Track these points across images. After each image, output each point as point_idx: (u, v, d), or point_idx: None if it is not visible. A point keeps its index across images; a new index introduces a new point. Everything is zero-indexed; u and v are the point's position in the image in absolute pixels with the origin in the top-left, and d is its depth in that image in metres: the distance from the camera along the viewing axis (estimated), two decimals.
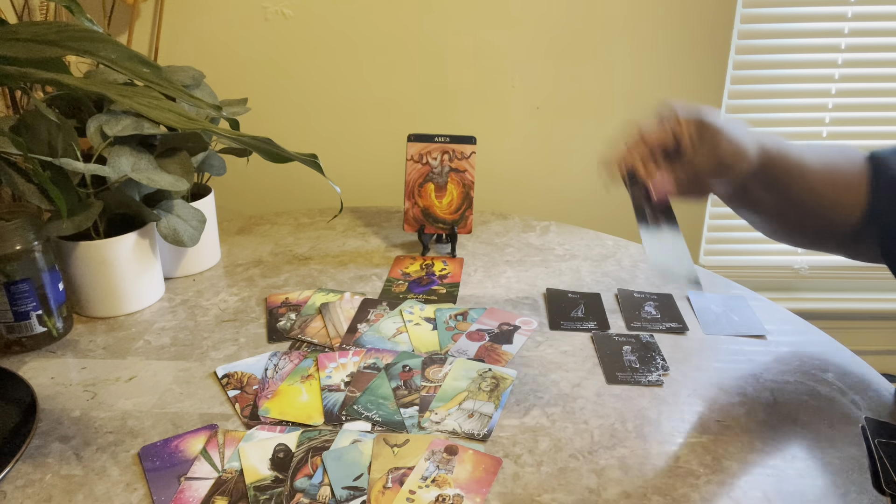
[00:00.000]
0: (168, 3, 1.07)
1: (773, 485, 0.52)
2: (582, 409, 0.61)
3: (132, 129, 0.73)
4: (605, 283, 0.84)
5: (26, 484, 0.53)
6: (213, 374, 0.66)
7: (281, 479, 0.53)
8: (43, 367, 0.67)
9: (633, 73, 1.14)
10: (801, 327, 0.75)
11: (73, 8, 0.53)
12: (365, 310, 0.77)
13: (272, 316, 0.76)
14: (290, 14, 1.10)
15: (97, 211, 0.69)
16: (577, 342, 0.71)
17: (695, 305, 0.78)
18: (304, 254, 0.92)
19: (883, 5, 1.15)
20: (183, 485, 0.52)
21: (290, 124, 1.17)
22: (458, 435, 0.57)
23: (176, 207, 0.78)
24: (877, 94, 1.22)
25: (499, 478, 0.53)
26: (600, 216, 1.22)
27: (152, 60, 0.47)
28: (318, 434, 0.57)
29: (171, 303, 0.80)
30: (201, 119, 0.49)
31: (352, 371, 0.66)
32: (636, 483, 0.52)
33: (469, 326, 0.74)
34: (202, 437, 0.57)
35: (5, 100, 0.95)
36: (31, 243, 0.67)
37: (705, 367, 0.67)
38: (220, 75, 1.09)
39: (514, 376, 0.65)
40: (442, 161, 0.91)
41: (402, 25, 1.10)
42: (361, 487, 0.52)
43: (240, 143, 0.53)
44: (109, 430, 0.59)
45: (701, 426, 0.59)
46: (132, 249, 0.75)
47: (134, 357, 0.69)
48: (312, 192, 1.19)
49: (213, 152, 0.87)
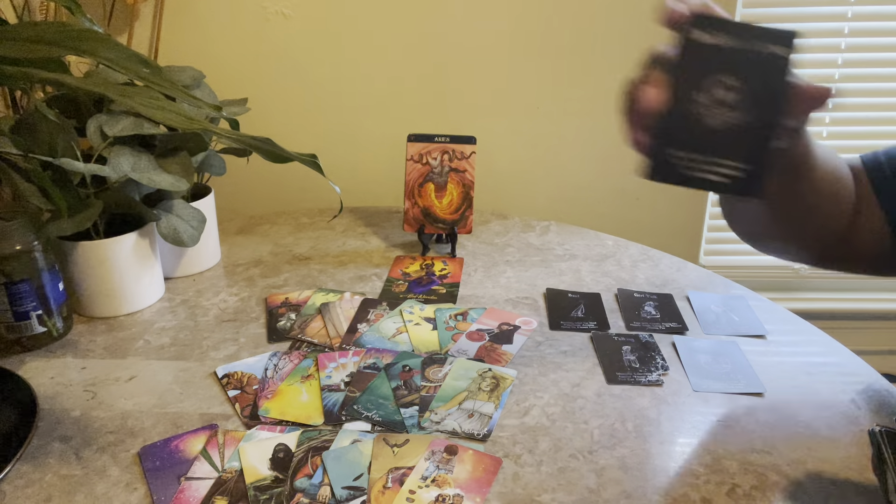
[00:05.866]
0: (168, 3, 1.07)
1: (773, 484, 0.52)
2: (582, 409, 0.61)
3: (132, 129, 0.73)
4: (604, 283, 0.84)
5: (26, 484, 0.53)
6: (213, 374, 0.66)
7: (281, 479, 0.53)
8: (43, 367, 0.67)
9: (633, 74, 1.13)
10: (801, 327, 0.75)
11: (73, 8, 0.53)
12: (365, 310, 0.77)
13: (272, 316, 0.76)
14: (290, 14, 1.10)
15: (97, 211, 0.69)
16: (576, 342, 0.71)
17: (695, 305, 0.78)
18: (304, 254, 0.92)
19: (883, 5, 1.15)
20: (183, 485, 0.52)
21: (290, 124, 1.17)
22: (458, 435, 0.57)
23: (176, 207, 0.78)
24: (877, 94, 1.22)
25: (499, 478, 0.53)
26: (600, 216, 1.22)
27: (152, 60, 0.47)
28: (318, 434, 0.57)
29: (171, 303, 0.80)
30: (201, 119, 0.49)
31: (352, 371, 0.66)
32: (636, 483, 0.52)
33: (469, 326, 0.74)
34: (202, 437, 0.57)
35: (5, 100, 0.95)
36: (31, 243, 0.67)
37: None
38: (220, 75, 1.09)
39: (514, 376, 0.65)
40: (442, 161, 0.91)
41: (402, 25, 1.10)
42: (361, 487, 0.52)
43: (240, 143, 0.53)
44: (109, 430, 0.59)
45: (701, 426, 0.59)
46: (132, 249, 0.75)
47: (134, 357, 0.69)
48: (312, 192, 1.19)
49: (213, 152, 0.86)
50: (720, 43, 0.43)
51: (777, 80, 0.43)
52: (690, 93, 0.43)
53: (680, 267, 0.88)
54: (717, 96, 0.43)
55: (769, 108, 0.43)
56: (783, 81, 0.43)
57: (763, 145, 0.44)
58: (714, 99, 0.43)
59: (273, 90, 1.14)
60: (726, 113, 0.43)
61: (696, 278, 0.85)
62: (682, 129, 0.44)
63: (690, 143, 0.44)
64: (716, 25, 0.43)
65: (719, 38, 0.43)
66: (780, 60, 0.42)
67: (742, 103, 0.43)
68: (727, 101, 0.43)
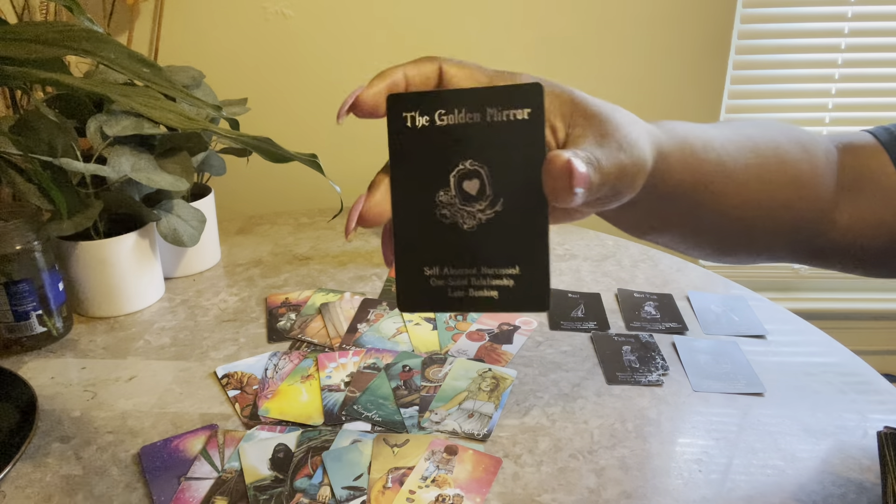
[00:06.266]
0: (168, 3, 1.07)
1: (773, 485, 0.52)
2: (582, 409, 0.61)
3: (132, 129, 0.73)
4: (604, 283, 0.84)
5: (26, 484, 0.53)
6: (213, 374, 0.66)
7: (281, 479, 0.53)
8: (43, 367, 0.67)
9: (633, 74, 1.13)
10: (801, 327, 0.75)
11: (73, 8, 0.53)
12: (365, 310, 0.77)
13: (272, 316, 0.76)
14: (290, 14, 1.10)
15: (97, 211, 0.69)
16: (576, 342, 0.71)
17: (695, 305, 0.78)
18: (304, 254, 0.92)
19: (883, 5, 1.15)
20: (183, 485, 0.52)
21: (290, 124, 1.17)
22: (458, 435, 0.57)
23: (176, 207, 0.78)
24: (877, 94, 1.22)
25: (499, 478, 0.53)
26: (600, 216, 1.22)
27: (152, 60, 0.47)
28: (318, 434, 0.57)
29: (171, 303, 0.80)
30: (201, 119, 0.49)
31: (352, 371, 0.66)
32: (636, 483, 0.52)
33: (469, 326, 0.74)
34: (202, 437, 0.57)
35: (5, 100, 0.95)
36: (31, 243, 0.67)
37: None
38: (220, 75, 1.09)
39: (514, 376, 0.65)
40: None
41: (402, 25, 1.10)
42: (361, 487, 0.52)
43: (240, 143, 0.53)
44: (109, 430, 0.59)
45: (700, 426, 0.59)
46: (132, 249, 0.75)
47: (134, 357, 0.69)
48: (312, 192, 1.19)
49: (213, 152, 0.86)
50: (443, 122, 0.33)
51: (525, 153, 0.32)
52: (428, 192, 0.33)
53: (680, 267, 0.88)
54: (462, 189, 0.33)
55: (525, 192, 0.32)
56: (533, 153, 0.32)
57: (533, 241, 0.32)
58: (459, 193, 0.33)
59: (273, 90, 1.14)
60: (477, 209, 0.32)
61: (696, 278, 0.85)
62: (431, 238, 0.33)
63: (446, 254, 0.33)
64: (429, 102, 0.33)
65: (440, 115, 0.33)
66: (525, 125, 0.32)
67: (492, 192, 0.32)
68: (473, 193, 0.32)
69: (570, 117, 0.34)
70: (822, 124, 1.23)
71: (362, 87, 0.34)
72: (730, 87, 1.19)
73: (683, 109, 1.16)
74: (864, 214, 0.48)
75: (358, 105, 0.34)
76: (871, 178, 0.48)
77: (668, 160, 0.39)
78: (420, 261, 0.33)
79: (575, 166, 0.29)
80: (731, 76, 1.18)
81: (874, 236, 0.48)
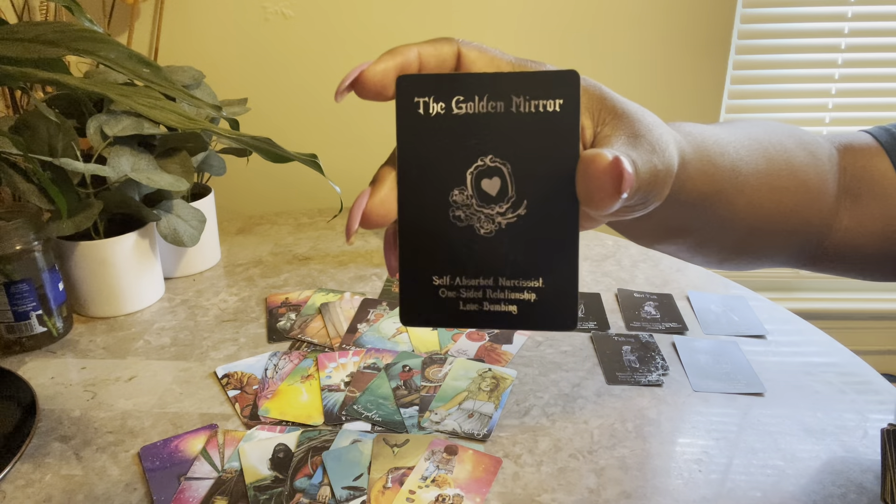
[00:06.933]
0: (168, 3, 1.07)
1: (773, 485, 0.52)
2: (582, 409, 0.61)
3: (132, 129, 0.73)
4: (605, 283, 0.84)
5: (26, 484, 0.53)
6: (213, 374, 0.66)
7: (281, 479, 0.53)
8: (43, 367, 0.67)
9: (633, 74, 1.13)
10: (801, 327, 0.75)
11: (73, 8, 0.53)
12: (365, 310, 0.77)
13: (272, 316, 0.76)
14: (290, 14, 1.10)
15: (97, 211, 0.69)
16: (576, 342, 0.71)
17: (695, 305, 0.78)
18: (304, 254, 0.92)
19: (883, 5, 1.15)
20: (183, 485, 0.52)
21: (290, 124, 1.17)
22: (458, 435, 0.57)
23: (176, 207, 0.78)
24: (877, 94, 1.22)
25: (499, 478, 0.53)
26: None
27: (152, 60, 0.47)
28: (318, 434, 0.57)
29: (171, 303, 0.80)
30: (201, 119, 0.49)
31: (352, 371, 0.66)
32: (636, 483, 0.52)
33: None
34: (202, 437, 0.57)
35: (5, 100, 0.95)
36: (31, 243, 0.67)
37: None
38: (220, 75, 1.09)
39: (514, 376, 0.65)
40: None
41: (402, 25, 1.10)
42: (361, 487, 0.52)
43: (240, 143, 0.53)
44: (109, 430, 0.59)
45: (700, 426, 0.59)
46: (132, 249, 0.75)
47: (134, 357, 0.69)
48: (312, 192, 1.19)
49: (213, 152, 0.86)
50: (461, 111, 0.28)
51: (555, 150, 0.28)
52: (441, 191, 0.29)
53: (680, 267, 0.88)
54: (480, 189, 0.29)
55: (552, 195, 0.28)
56: (564, 150, 0.28)
57: (561, 250, 0.29)
58: (477, 193, 0.29)
59: (273, 90, 1.14)
60: (496, 211, 0.29)
61: (696, 278, 0.85)
62: (443, 243, 0.29)
63: (459, 262, 0.29)
64: (446, 86, 0.28)
65: (458, 102, 0.28)
66: (556, 119, 0.28)
67: (514, 193, 0.28)
68: (492, 193, 0.29)
69: (599, 114, 0.30)
70: (822, 124, 1.23)
71: (369, 62, 0.29)
72: (730, 87, 1.19)
73: (683, 109, 1.16)
74: (864, 219, 0.48)
75: (361, 82, 0.29)
76: (872, 181, 0.47)
77: (687, 168, 0.36)
78: (429, 268, 0.29)
79: (625, 167, 0.26)
80: (731, 76, 1.18)
81: (874, 241, 0.48)
